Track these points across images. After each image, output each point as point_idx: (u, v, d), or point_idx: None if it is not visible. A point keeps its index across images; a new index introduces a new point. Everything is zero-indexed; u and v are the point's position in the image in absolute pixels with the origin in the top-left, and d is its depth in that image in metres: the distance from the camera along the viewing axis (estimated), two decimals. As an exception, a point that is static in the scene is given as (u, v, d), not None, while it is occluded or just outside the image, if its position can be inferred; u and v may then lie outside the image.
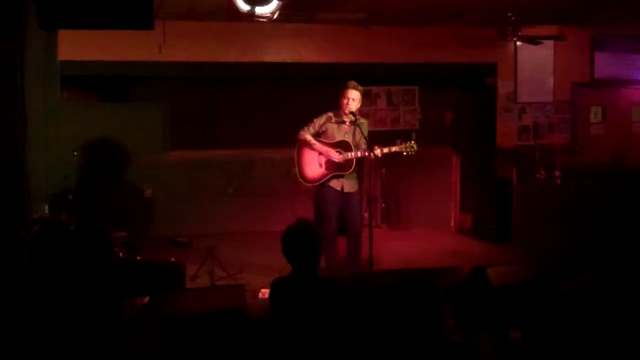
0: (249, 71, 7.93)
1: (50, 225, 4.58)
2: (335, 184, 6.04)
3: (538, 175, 7.27)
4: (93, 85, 8.17)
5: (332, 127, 6.07)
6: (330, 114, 6.08)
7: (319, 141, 6.07)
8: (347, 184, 6.07)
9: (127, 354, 3.49)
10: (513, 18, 7.56)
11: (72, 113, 7.27)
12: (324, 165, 6.04)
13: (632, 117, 9.33)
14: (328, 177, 6.02)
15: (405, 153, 5.96)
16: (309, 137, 6.06)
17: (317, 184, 6.07)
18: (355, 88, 5.94)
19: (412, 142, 5.97)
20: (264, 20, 5.37)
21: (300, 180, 6.13)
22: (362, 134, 5.93)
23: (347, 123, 6.05)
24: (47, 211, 5.08)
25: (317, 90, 8.15)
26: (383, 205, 8.81)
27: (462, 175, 8.70)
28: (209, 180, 8.22)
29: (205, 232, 7.76)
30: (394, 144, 5.97)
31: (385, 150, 5.90)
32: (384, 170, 8.54)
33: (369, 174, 6.26)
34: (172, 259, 6.14)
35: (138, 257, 5.83)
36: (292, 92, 8.41)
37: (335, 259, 6.16)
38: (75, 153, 5.95)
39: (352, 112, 5.93)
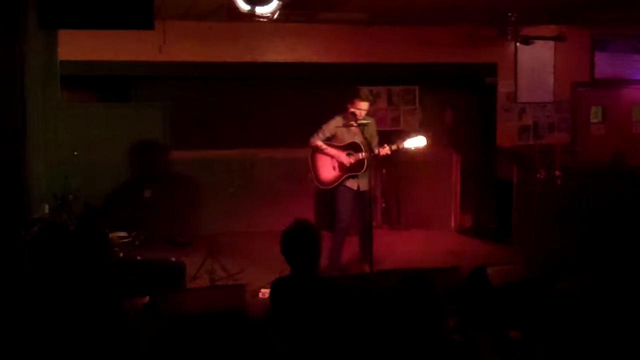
0: (249, 71, 7.92)
1: (50, 225, 4.57)
2: (352, 183, 6.19)
3: (538, 175, 7.26)
4: (93, 85, 8.17)
5: (341, 131, 6.21)
6: (339, 117, 6.19)
7: (330, 145, 6.23)
8: (362, 183, 6.19)
9: (127, 353, 3.49)
10: (513, 18, 7.56)
11: (72, 113, 7.26)
12: (337, 168, 6.21)
13: (632, 117, 9.34)
14: (342, 178, 6.17)
15: (414, 147, 6.09)
16: (320, 143, 6.21)
17: (333, 185, 6.22)
18: (367, 99, 6.09)
19: (420, 135, 6.12)
20: (264, 20, 5.37)
21: (317, 183, 6.32)
22: (372, 132, 6.16)
23: (356, 125, 6.13)
24: (47, 211, 5.07)
25: (317, 90, 8.15)
26: (383, 205, 8.80)
27: (462, 175, 8.69)
28: (209, 180, 8.19)
29: (205, 232, 7.75)
30: (403, 140, 6.10)
31: (394, 147, 6.05)
32: (384, 171, 8.53)
33: (369, 174, 6.26)
34: (172, 259, 6.13)
35: (138, 257, 5.82)
36: (292, 92, 8.40)
37: (340, 258, 6.22)
38: (75, 153, 5.94)
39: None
